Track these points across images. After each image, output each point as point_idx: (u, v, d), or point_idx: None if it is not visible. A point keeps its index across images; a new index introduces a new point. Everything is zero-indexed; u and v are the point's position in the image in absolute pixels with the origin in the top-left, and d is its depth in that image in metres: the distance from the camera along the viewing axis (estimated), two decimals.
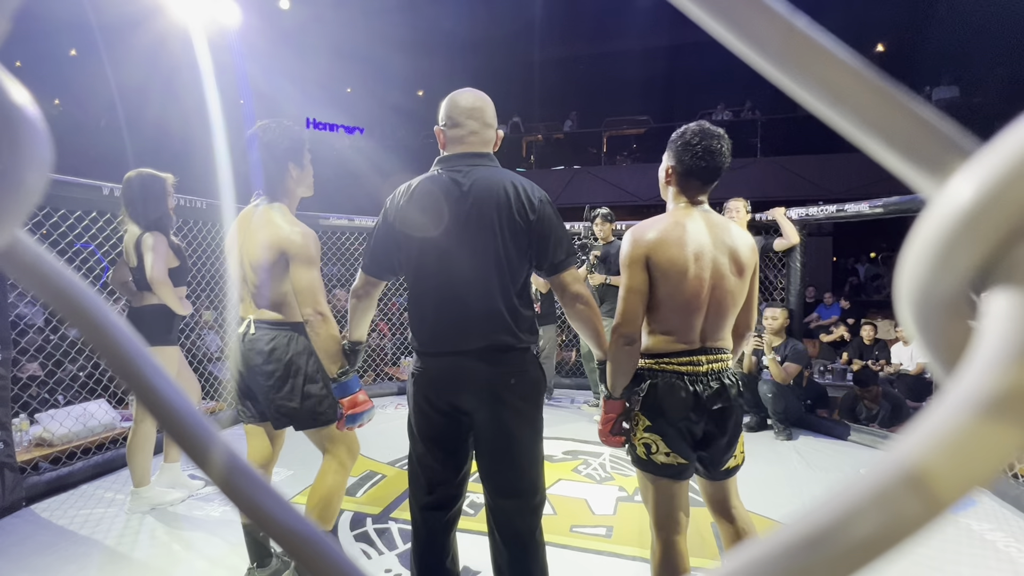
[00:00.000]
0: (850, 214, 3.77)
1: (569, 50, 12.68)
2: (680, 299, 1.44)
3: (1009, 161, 0.13)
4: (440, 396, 1.46)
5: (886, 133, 0.15)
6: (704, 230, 1.47)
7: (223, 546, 2.21)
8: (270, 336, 1.76)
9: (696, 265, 1.43)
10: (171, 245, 2.47)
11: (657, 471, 1.50)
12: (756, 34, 0.16)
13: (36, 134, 0.21)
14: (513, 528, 1.49)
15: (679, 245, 1.43)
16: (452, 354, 1.43)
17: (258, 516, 0.21)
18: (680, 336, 1.48)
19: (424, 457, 1.51)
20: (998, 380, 0.12)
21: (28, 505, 2.55)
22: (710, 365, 1.48)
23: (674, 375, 1.47)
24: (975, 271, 0.14)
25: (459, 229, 1.40)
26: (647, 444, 1.50)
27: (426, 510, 1.53)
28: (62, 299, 0.21)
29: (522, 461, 1.47)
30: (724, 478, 1.58)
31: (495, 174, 1.43)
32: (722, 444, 1.51)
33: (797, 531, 0.13)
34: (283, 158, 1.76)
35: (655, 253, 1.43)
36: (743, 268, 1.48)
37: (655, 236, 1.45)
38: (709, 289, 1.45)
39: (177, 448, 2.68)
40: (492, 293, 1.41)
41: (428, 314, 1.46)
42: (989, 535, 2.40)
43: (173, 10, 6.79)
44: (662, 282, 1.44)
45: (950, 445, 0.12)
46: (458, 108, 1.47)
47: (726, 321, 1.50)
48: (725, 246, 1.47)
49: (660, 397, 1.48)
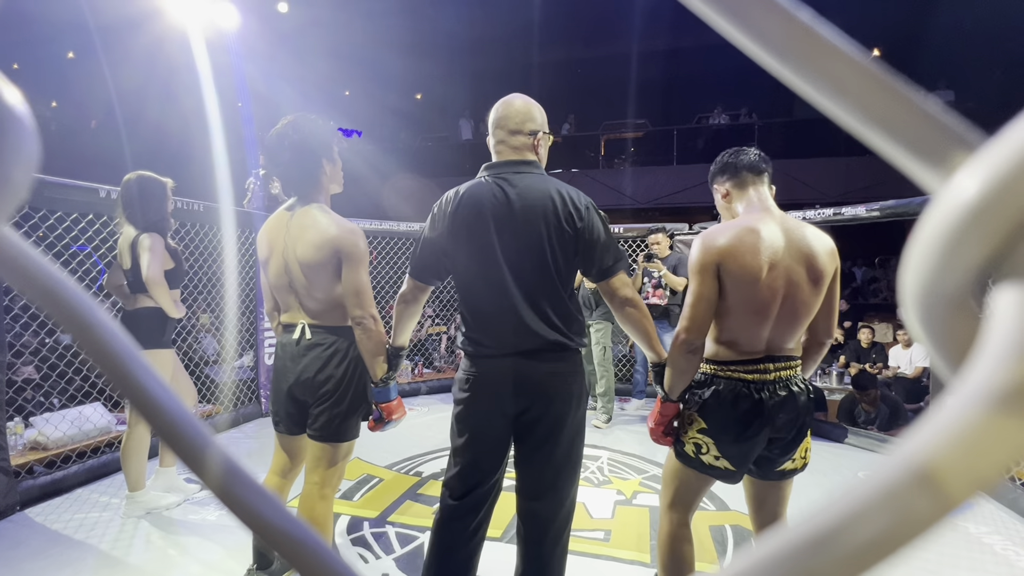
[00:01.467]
0: (847, 218, 3.78)
1: (567, 53, 12.72)
2: (750, 308, 1.39)
3: (1015, 155, 0.13)
4: (493, 400, 1.46)
5: (890, 127, 0.15)
6: (780, 236, 1.40)
7: (218, 551, 2.20)
8: (330, 340, 1.68)
9: (770, 274, 1.37)
10: (168, 248, 2.46)
11: (703, 470, 1.49)
12: (759, 28, 0.15)
13: (23, 132, 0.21)
14: (545, 531, 1.50)
15: (753, 252, 1.37)
16: (505, 356, 1.44)
17: (254, 521, 0.21)
18: (746, 345, 1.44)
19: (465, 461, 1.51)
20: (1008, 374, 0.12)
21: (22, 509, 2.53)
22: (778, 373, 1.43)
23: (740, 383, 1.44)
24: (981, 266, 0.13)
25: (506, 235, 1.42)
26: (698, 444, 1.48)
27: (452, 516, 1.52)
28: (50, 298, 0.21)
29: (565, 463, 1.49)
30: (778, 479, 1.54)
31: (540, 181, 1.45)
32: (781, 446, 1.47)
33: (805, 531, 0.13)
34: (317, 155, 1.69)
35: (727, 260, 1.38)
36: (820, 276, 1.41)
37: (727, 242, 1.38)
38: (782, 299, 1.39)
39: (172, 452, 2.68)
40: (542, 296, 1.43)
41: (480, 317, 1.47)
42: (987, 538, 2.40)
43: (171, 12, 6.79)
44: (733, 291, 1.39)
45: (959, 442, 0.12)
46: (490, 120, 1.53)
47: (796, 331, 1.45)
48: (802, 254, 1.40)
49: (722, 404, 1.44)
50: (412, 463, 3.22)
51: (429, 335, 5.92)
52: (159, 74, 9.81)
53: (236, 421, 3.95)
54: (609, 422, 4.07)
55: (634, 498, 2.79)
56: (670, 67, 11.58)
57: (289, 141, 1.65)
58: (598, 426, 4.02)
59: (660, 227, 4.47)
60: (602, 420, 4.06)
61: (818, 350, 1.55)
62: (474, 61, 12.25)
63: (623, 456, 3.40)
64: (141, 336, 2.39)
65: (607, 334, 4.14)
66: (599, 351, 4.14)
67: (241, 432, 3.85)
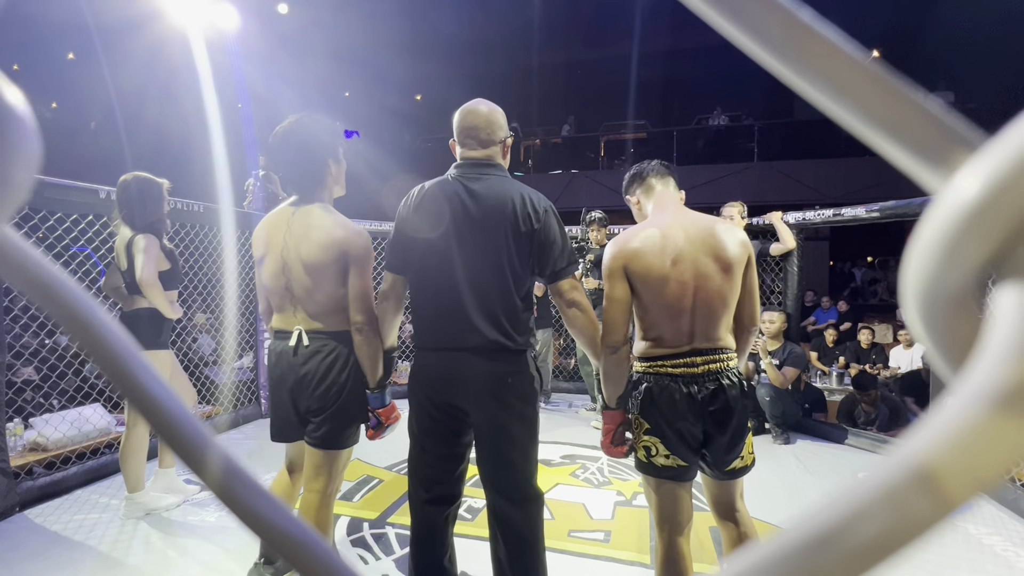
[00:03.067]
0: (847, 218, 3.78)
1: (567, 55, 12.73)
2: (663, 304, 1.46)
3: (1016, 155, 0.13)
4: (438, 394, 1.50)
5: (891, 127, 0.15)
6: (681, 232, 1.48)
7: (218, 552, 2.19)
8: (329, 347, 1.63)
9: (675, 269, 1.44)
10: (163, 248, 2.45)
11: (658, 473, 1.51)
12: (759, 28, 0.15)
13: (25, 132, 0.21)
14: (513, 527, 1.53)
15: (655, 252, 1.45)
16: (449, 350, 1.48)
17: (254, 521, 0.21)
18: (669, 339, 1.49)
19: (423, 455, 1.56)
20: (1009, 374, 0.12)
21: (22, 510, 2.52)
22: (707, 366, 1.47)
23: (667, 377, 1.48)
24: (982, 266, 0.13)
25: (464, 232, 1.46)
26: (647, 447, 1.52)
27: (423, 507, 1.57)
28: (50, 298, 0.21)
29: (518, 459, 1.51)
30: (729, 478, 1.56)
31: (503, 183, 1.50)
32: (723, 444, 1.49)
33: (805, 531, 0.13)
34: (322, 154, 1.66)
35: (632, 262, 1.46)
36: (730, 265, 1.46)
37: (632, 246, 1.47)
38: (693, 292, 1.45)
39: (172, 453, 2.68)
40: (492, 295, 1.46)
41: (429, 311, 1.51)
42: (987, 539, 2.40)
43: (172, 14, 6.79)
44: (643, 289, 1.47)
45: (960, 442, 0.12)
46: (459, 127, 1.56)
47: (718, 321, 1.48)
48: (707, 245, 1.46)
49: (655, 400, 1.49)
50: None
51: None
52: (159, 75, 9.81)
53: (236, 422, 3.95)
54: None
55: (634, 499, 2.78)
56: (670, 68, 11.59)
57: (295, 139, 1.63)
58: (597, 427, 4.01)
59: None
60: (601, 422, 4.03)
61: (746, 336, 1.59)
62: (474, 62, 12.26)
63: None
64: (139, 337, 2.38)
65: None
66: None
67: (241, 433, 3.84)
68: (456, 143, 1.58)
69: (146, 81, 10.10)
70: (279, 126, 1.67)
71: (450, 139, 1.60)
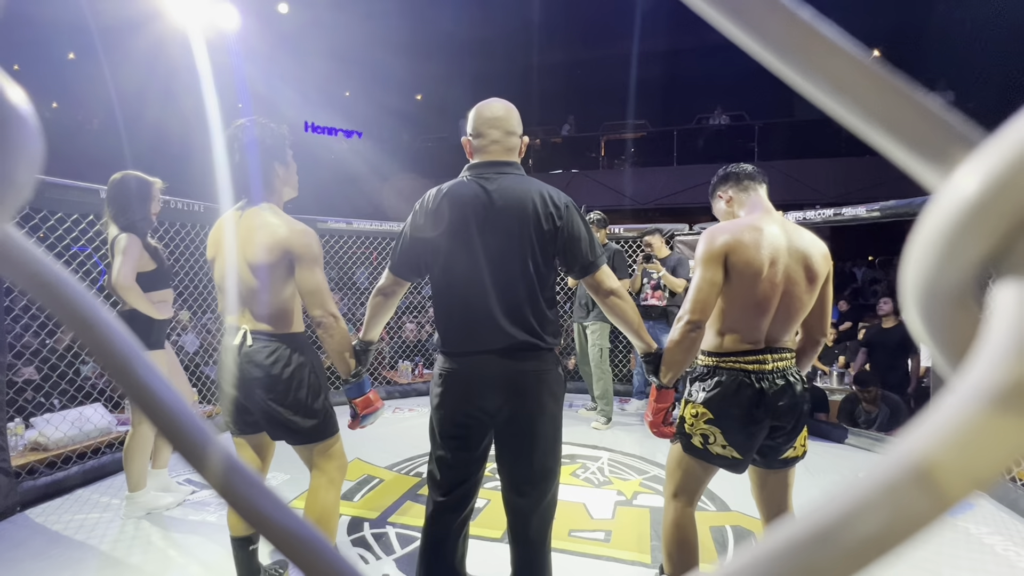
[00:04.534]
0: (847, 218, 3.78)
1: (567, 54, 12.72)
2: (751, 301, 1.49)
3: (1015, 152, 0.13)
4: (467, 398, 1.48)
5: (890, 124, 0.15)
6: (781, 235, 1.51)
7: (219, 551, 2.19)
8: (270, 348, 1.66)
9: (771, 269, 1.48)
10: (147, 248, 2.42)
11: (710, 460, 1.57)
12: (760, 27, 0.15)
13: (27, 131, 0.21)
14: (529, 528, 1.54)
15: (756, 248, 1.48)
16: (478, 354, 1.46)
17: (256, 519, 0.21)
18: (746, 336, 1.53)
19: (445, 458, 1.54)
20: (1008, 372, 0.12)
21: (23, 510, 2.53)
22: (775, 363, 1.53)
23: (742, 372, 1.53)
24: (982, 263, 0.13)
25: (487, 234, 1.44)
26: (705, 435, 1.56)
27: (441, 511, 1.56)
28: (53, 296, 0.21)
29: (544, 458, 1.51)
30: (782, 467, 1.63)
31: (522, 182, 1.48)
32: (783, 435, 1.56)
33: (804, 527, 0.13)
34: (267, 157, 1.68)
35: (736, 252, 1.48)
36: (816, 276, 1.52)
37: (733, 237, 1.49)
38: (781, 294, 1.50)
39: (165, 453, 2.69)
40: (520, 295, 1.45)
41: (455, 315, 1.49)
42: (988, 539, 2.39)
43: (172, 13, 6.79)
44: (736, 282, 1.49)
45: (958, 440, 0.12)
46: (481, 119, 1.53)
47: (792, 325, 1.56)
48: (800, 254, 1.51)
49: (726, 393, 1.53)
50: (412, 464, 3.22)
51: (431, 335, 5.92)
52: (159, 75, 9.81)
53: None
54: (609, 423, 4.05)
55: (634, 499, 2.78)
56: (670, 68, 11.58)
57: (239, 143, 1.65)
58: (597, 428, 4.00)
59: (655, 228, 4.46)
60: (601, 422, 4.03)
61: (813, 347, 1.66)
62: (474, 62, 12.26)
63: (623, 456, 3.40)
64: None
65: (604, 335, 4.09)
66: (596, 352, 4.10)
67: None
68: (470, 141, 1.55)
69: (146, 81, 10.10)
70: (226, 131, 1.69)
71: (462, 137, 1.57)
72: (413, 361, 5.44)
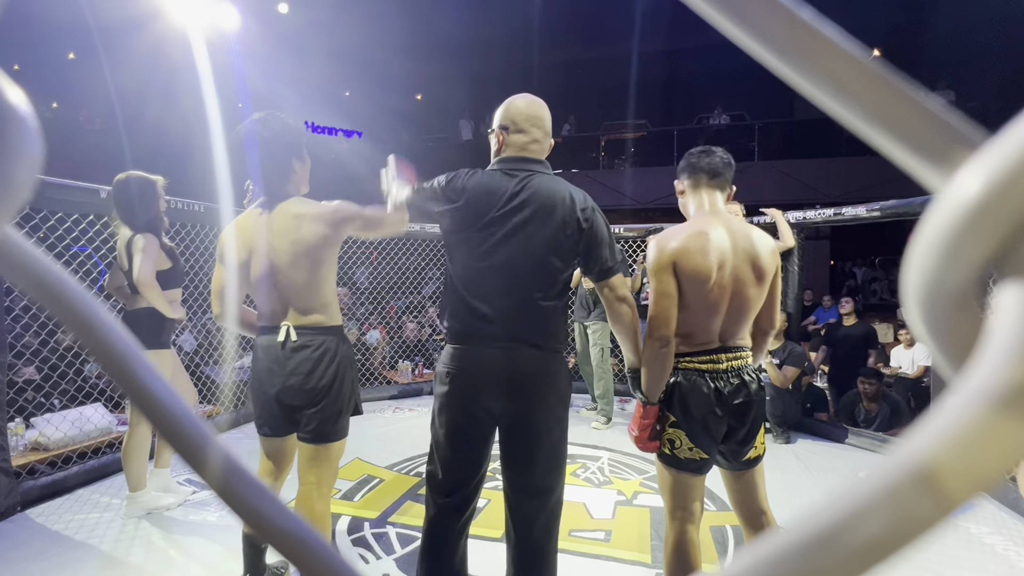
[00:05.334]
0: (847, 218, 3.78)
1: (567, 54, 12.73)
2: (702, 305, 1.51)
3: (1017, 153, 0.13)
4: (474, 395, 1.46)
5: (892, 125, 0.15)
6: (726, 238, 1.53)
7: (219, 551, 2.20)
8: (317, 343, 1.64)
9: (719, 273, 1.50)
10: (163, 247, 2.44)
11: (680, 466, 1.56)
12: (760, 27, 0.15)
13: (26, 132, 0.21)
14: (534, 529, 1.52)
15: (703, 254, 1.49)
16: (487, 350, 1.44)
17: (255, 520, 0.21)
18: (700, 337, 1.55)
19: (448, 459, 1.51)
20: (1010, 374, 0.12)
21: (23, 510, 2.53)
22: (730, 363, 1.55)
23: (695, 372, 1.54)
24: (983, 265, 0.13)
25: (511, 229, 1.43)
26: (671, 440, 1.56)
27: (443, 513, 1.53)
28: (52, 297, 0.21)
29: (550, 460, 1.50)
30: (746, 468, 1.63)
31: (554, 183, 1.49)
32: (741, 436, 1.57)
33: (805, 530, 0.13)
34: (287, 154, 1.67)
35: (681, 260, 1.49)
36: (763, 274, 1.55)
37: (680, 244, 1.50)
38: (730, 296, 1.52)
39: (167, 453, 2.69)
40: (534, 295, 1.44)
41: (467, 308, 1.46)
42: (988, 539, 2.39)
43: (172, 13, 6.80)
44: (687, 289, 1.50)
45: (961, 442, 0.12)
46: (523, 115, 1.50)
47: (745, 323, 1.58)
48: (747, 254, 1.53)
49: (683, 394, 1.54)
50: (412, 463, 3.22)
51: (431, 335, 5.92)
52: (159, 75, 9.81)
53: (236, 421, 3.95)
54: (609, 423, 4.06)
55: (635, 498, 2.79)
56: (670, 68, 11.59)
57: (259, 139, 1.63)
58: (597, 427, 4.01)
59: (657, 228, 4.48)
60: (601, 422, 4.04)
61: (763, 339, 1.68)
62: (474, 62, 12.26)
63: (623, 456, 3.40)
64: (140, 336, 2.38)
65: (605, 335, 4.10)
66: (597, 352, 4.11)
67: (242, 432, 3.85)
68: (503, 134, 1.51)
69: (146, 81, 10.10)
70: (240, 126, 1.66)
71: (493, 127, 1.54)
72: (413, 361, 5.44)
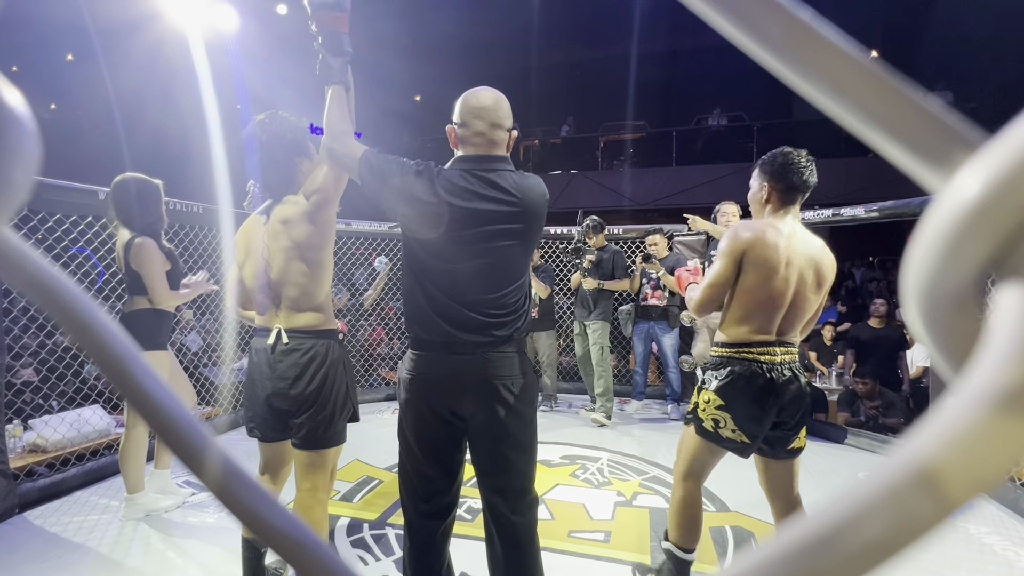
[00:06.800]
0: (846, 218, 3.79)
1: (566, 55, 12.74)
2: (766, 294, 1.63)
3: (1016, 154, 0.13)
4: (438, 399, 1.42)
5: (891, 126, 0.15)
6: (797, 241, 1.66)
7: (218, 553, 2.19)
8: (308, 345, 1.62)
9: (786, 270, 1.62)
10: (163, 249, 2.45)
11: (720, 443, 1.71)
12: (759, 28, 0.15)
13: (24, 134, 0.21)
14: (512, 528, 1.49)
15: (774, 248, 1.62)
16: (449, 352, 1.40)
17: (254, 522, 0.21)
18: (760, 328, 1.67)
19: (420, 467, 1.48)
20: (1009, 375, 0.12)
21: (21, 512, 2.52)
22: (783, 356, 1.67)
23: (755, 363, 1.66)
24: (983, 265, 0.13)
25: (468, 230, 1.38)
26: (716, 420, 1.70)
27: (424, 519, 1.51)
28: (50, 299, 0.21)
29: (521, 463, 1.48)
30: (789, 457, 1.77)
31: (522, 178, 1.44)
32: (790, 425, 1.70)
33: (806, 532, 0.12)
34: (288, 154, 1.63)
35: (753, 249, 1.62)
36: (823, 282, 1.68)
37: (754, 236, 1.63)
38: (793, 293, 1.64)
39: (167, 454, 2.69)
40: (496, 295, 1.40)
41: (426, 310, 1.42)
42: (987, 539, 2.40)
43: (171, 15, 6.79)
44: (753, 275, 1.62)
45: (961, 443, 0.12)
46: (467, 107, 1.43)
47: (799, 322, 1.70)
48: (811, 260, 1.66)
49: (738, 382, 1.66)
50: None
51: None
52: (158, 76, 9.81)
53: (235, 423, 3.95)
54: (609, 419, 4.09)
55: (634, 499, 2.78)
56: (669, 68, 11.60)
57: (259, 142, 1.61)
58: (597, 421, 4.04)
59: (657, 228, 4.48)
60: (601, 417, 4.06)
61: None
62: (473, 63, 12.25)
63: (623, 457, 3.40)
64: (137, 338, 2.38)
65: (605, 334, 4.14)
66: (597, 351, 4.14)
67: (240, 434, 3.84)
68: (455, 130, 1.44)
69: (145, 82, 10.10)
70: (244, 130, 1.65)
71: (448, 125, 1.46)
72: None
